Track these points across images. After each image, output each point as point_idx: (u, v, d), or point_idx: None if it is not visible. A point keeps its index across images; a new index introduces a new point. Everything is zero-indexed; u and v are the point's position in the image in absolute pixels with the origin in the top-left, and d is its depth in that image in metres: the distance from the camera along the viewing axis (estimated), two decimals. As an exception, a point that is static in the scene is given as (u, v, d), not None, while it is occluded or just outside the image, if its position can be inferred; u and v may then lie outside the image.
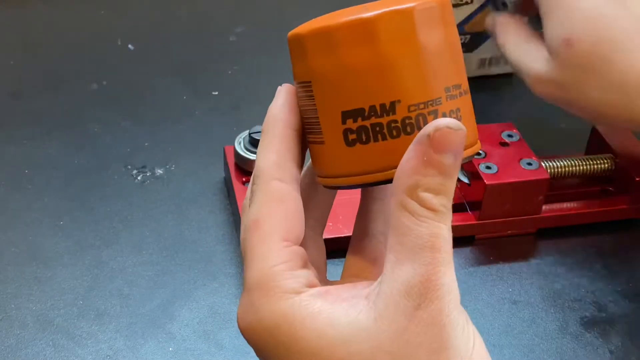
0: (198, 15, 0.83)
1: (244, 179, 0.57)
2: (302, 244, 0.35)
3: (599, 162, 0.58)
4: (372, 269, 0.37)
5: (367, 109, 0.32)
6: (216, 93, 0.71)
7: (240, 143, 0.57)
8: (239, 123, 0.67)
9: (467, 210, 0.57)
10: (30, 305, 0.51)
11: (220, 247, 0.56)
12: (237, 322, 0.33)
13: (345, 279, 0.38)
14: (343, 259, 0.39)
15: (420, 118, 0.32)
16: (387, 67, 0.32)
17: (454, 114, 0.33)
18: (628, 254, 0.57)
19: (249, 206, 0.34)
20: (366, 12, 0.32)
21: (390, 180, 0.33)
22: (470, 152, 0.34)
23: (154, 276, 0.53)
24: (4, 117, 0.67)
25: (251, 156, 0.56)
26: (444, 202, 0.31)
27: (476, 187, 0.55)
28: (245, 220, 0.34)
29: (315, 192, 0.38)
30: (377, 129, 0.32)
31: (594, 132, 0.61)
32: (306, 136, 0.35)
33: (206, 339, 0.49)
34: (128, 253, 0.55)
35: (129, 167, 0.62)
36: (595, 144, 0.60)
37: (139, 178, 0.61)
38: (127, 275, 0.53)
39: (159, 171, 0.62)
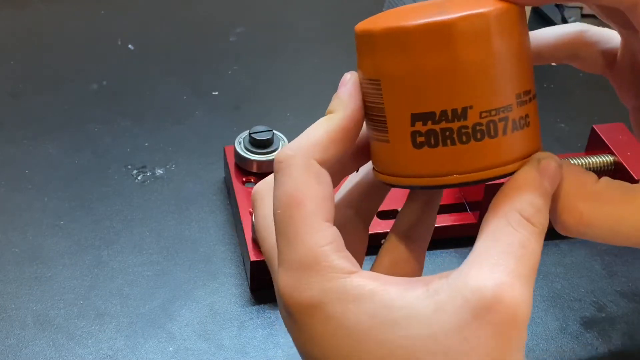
0: (198, 15, 0.83)
1: (244, 179, 0.57)
2: (348, 231, 0.35)
3: (598, 161, 0.58)
4: (407, 265, 0.36)
5: (438, 113, 0.31)
6: (216, 93, 0.71)
7: (240, 143, 0.57)
8: (239, 123, 0.67)
9: (467, 210, 0.57)
10: (30, 305, 0.51)
11: (220, 247, 0.56)
12: (282, 297, 0.32)
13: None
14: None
15: (491, 125, 0.31)
16: (462, 72, 0.31)
17: (523, 120, 0.32)
18: (628, 254, 0.57)
19: (279, 179, 0.33)
20: (443, 15, 0.31)
21: (453, 185, 0.32)
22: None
23: (154, 276, 0.53)
24: (4, 117, 0.67)
25: (251, 156, 0.56)
26: (542, 222, 0.32)
27: (476, 187, 0.55)
28: (279, 193, 0.33)
29: (371, 183, 0.38)
30: (447, 133, 0.31)
31: (594, 132, 0.61)
32: (368, 130, 0.35)
33: (206, 339, 0.49)
34: (128, 253, 0.55)
35: (129, 167, 0.62)
36: (595, 143, 0.60)
37: (139, 178, 0.61)
38: (127, 275, 0.53)
39: (159, 171, 0.62)
